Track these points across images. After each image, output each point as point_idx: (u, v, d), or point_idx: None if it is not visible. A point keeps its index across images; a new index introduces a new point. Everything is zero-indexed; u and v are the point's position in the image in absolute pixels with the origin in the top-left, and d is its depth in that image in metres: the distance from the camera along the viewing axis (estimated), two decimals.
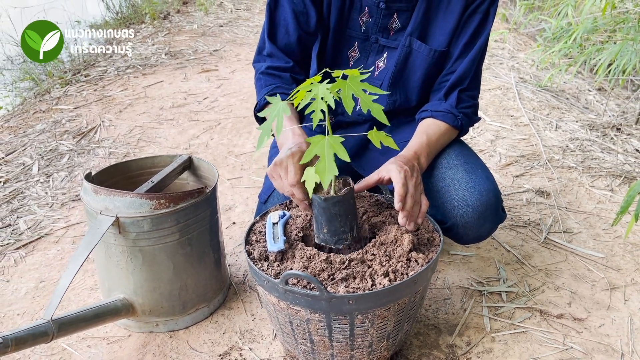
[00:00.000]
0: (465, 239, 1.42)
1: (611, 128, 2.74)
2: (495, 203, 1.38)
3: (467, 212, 1.35)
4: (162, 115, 2.97)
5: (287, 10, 1.45)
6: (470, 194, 1.36)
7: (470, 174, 1.39)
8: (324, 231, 1.20)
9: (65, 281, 1.22)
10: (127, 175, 1.58)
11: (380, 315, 1.15)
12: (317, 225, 1.21)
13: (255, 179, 2.26)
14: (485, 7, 1.43)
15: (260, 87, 1.48)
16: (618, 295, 1.57)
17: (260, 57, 1.53)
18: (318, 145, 1.09)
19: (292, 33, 1.47)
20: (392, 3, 1.43)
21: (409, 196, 1.19)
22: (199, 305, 1.48)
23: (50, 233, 1.92)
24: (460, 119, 1.43)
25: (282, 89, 1.45)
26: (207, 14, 5.20)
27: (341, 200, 1.16)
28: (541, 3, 5.00)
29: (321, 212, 1.17)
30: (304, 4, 1.44)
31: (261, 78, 1.48)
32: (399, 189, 1.18)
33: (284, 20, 1.47)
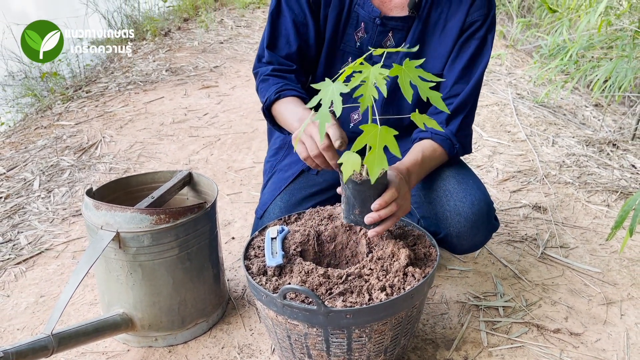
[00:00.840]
0: (460, 249, 1.44)
1: (607, 144, 2.77)
2: (487, 212, 1.40)
3: (460, 222, 1.37)
4: (163, 131, 3.00)
5: (288, 20, 1.49)
6: (462, 204, 1.38)
7: (461, 184, 1.41)
8: (355, 212, 1.20)
9: (66, 296, 1.23)
10: (127, 191, 1.60)
11: (378, 329, 1.16)
12: (348, 207, 1.21)
13: (254, 194, 2.28)
14: (482, 34, 1.45)
15: (268, 85, 1.49)
16: (614, 310, 1.58)
17: (261, 64, 1.55)
18: (370, 135, 1.05)
19: (293, 43, 1.50)
20: (387, 20, 1.46)
21: (393, 204, 1.19)
22: (198, 320, 1.49)
23: (50, 248, 1.93)
24: (457, 148, 1.45)
25: (292, 86, 1.48)
26: (208, 31, 5.26)
27: (376, 183, 1.15)
28: (538, 20, 5.07)
29: (355, 194, 1.17)
30: (304, 15, 1.48)
31: (268, 79, 1.50)
32: (390, 193, 1.18)
33: (285, 30, 1.50)
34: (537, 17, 5.14)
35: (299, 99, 1.46)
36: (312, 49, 1.53)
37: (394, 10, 1.47)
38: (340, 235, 1.36)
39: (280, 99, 1.46)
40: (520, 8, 5.81)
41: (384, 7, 1.47)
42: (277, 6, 1.51)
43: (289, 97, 1.46)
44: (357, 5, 1.47)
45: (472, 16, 1.44)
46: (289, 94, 1.46)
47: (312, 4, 1.48)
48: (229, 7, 6.38)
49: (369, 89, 1.03)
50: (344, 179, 1.11)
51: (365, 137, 1.04)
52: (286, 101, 1.45)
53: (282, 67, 1.51)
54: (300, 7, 1.48)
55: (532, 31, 4.79)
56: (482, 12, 1.44)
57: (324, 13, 1.49)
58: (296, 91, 1.47)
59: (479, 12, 1.44)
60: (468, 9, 1.44)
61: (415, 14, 1.45)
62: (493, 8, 1.46)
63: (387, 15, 1.46)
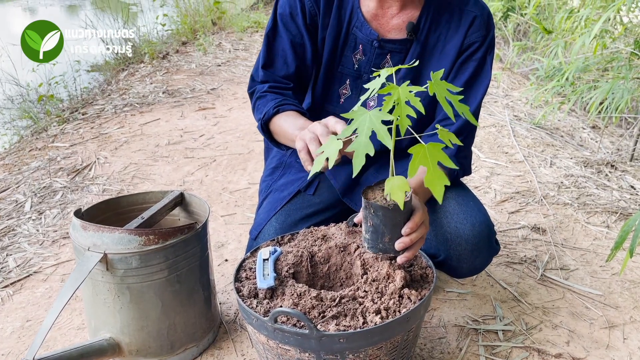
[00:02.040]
0: (460, 272, 1.40)
1: (605, 165, 2.74)
2: (488, 235, 1.37)
3: (461, 245, 1.34)
4: (158, 152, 2.97)
5: (286, 41, 1.47)
6: (463, 226, 1.34)
7: (462, 206, 1.38)
8: (385, 241, 1.15)
9: (50, 319, 1.19)
10: (117, 212, 1.57)
11: (373, 354, 1.12)
12: (376, 236, 1.15)
13: (249, 216, 2.24)
14: (481, 55, 1.43)
15: (266, 101, 1.46)
16: (617, 334, 1.54)
17: (255, 83, 1.53)
18: (420, 155, 0.98)
19: (291, 64, 1.48)
20: (385, 43, 1.45)
21: (422, 226, 1.16)
22: (187, 345, 1.44)
23: (39, 271, 1.89)
24: (456, 170, 1.42)
25: (291, 101, 1.45)
26: (206, 54, 5.28)
27: (405, 207, 1.12)
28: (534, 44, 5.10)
29: (386, 221, 1.12)
30: (301, 36, 1.46)
31: (265, 95, 1.48)
32: (419, 215, 1.13)
33: (283, 51, 1.49)
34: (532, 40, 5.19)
35: (299, 112, 1.44)
36: (309, 69, 1.52)
37: (392, 33, 1.45)
38: (335, 257, 1.33)
39: (279, 114, 1.43)
40: (516, 32, 5.87)
41: (382, 29, 1.45)
42: (274, 27, 1.49)
43: (288, 111, 1.43)
44: (355, 27, 1.45)
45: (471, 37, 1.42)
46: (288, 108, 1.43)
47: (310, 26, 1.46)
48: (227, 31, 6.43)
49: (404, 109, 0.98)
50: (401, 204, 1.04)
51: (416, 160, 0.97)
52: (285, 115, 1.43)
53: (279, 84, 1.49)
54: (297, 28, 1.47)
55: (528, 54, 4.82)
56: (481, 33, 1.42)
57: (322, 35, 1.47)
58: (295, 106, 1.45)
59: (478, 34, 1.42)
60: (466, 31, 1.42)
61: (413, 37, 1.43)
62: (492, 30, 1.44)
63: (385, 37, 1.45)
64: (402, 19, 1.44)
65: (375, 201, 1.12)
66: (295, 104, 1.46)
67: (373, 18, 1.45)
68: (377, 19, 1.45)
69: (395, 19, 1.44)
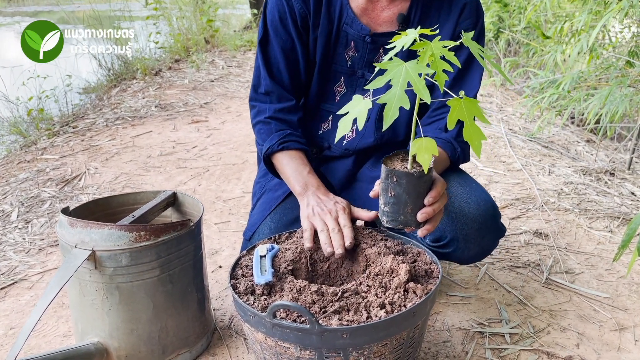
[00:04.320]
0: (468, 255, 1.35)
1: (604, 173, 2.71)
2: (493, 214, 1.33)
3: (467, 224, 1.29)
4: (150, 163, 2.91)
5: (277, 49, 1.45)
6: (468, 205, 1.30)
7: (465, 187, 1.34)
8: (407, 211, 1.09)
9: (33, 319, 1.11)
10: (107, 212, 1.50)
11: (377, 351, 1.05)
12: (397, 207, 1.09)
13: (243, 223, 2.18)
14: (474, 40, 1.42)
15: (270, 130, 1.46)
16: (628, 336, 1.48)
17: (258, 95, 1.50)
18: (456, 110, 0.94)
19: (284, 71, 1.46)
20: (378, 37, 1.42)
21: (444, 196, 1.12)
22: (180, 350, 1.37)
23: (24, 279, 1.81)
24: (458, 152, 1.39)
25: (294, 137, 1.44)
26: (199, 70, 5.26)
27: (428, 175, 1.07)
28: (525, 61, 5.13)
29: (411, 189, 1.07)
30: (292, 41, 1.44)
31: (271, 122, 1.47)
32: (440, 185, 1.11)
33: (275, 59, 1.46)
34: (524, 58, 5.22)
35: (302, 153, 1.44)
36: (302, 74, 1.49)
37: (383, 26, 1.43)
38: None
39: (283, 151, 1.43)
40: (507, 53, 5.91)
41: (373, 23, 1.43)
42: (265, 34, 1.47)
43: (292, 150, 1.43)
44: (345, 24, 1.43)
45: (462, 25, 1.41)
46: (292, 146, 1.43)
47: (301, 28, 1.44)
48: (220, 49, 6.43)
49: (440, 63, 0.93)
50: (425, 168, 0.99)
51: (454, 113, 0.94)
52: (290, 156, 1.43)
53: (283, 105, 1.47)
54: (287, 34, 1.44)
55: (520, 70, 4.84)
56: (472, 20, 1.41)
57: (313, 35, 1.45)
58: (299, 143, 1.44)
59: (469, 21, 1.41)
60: (457, 19, 1.41)
61: (405, 28, 1.41)
62: (482, 16, 1.43)
63: (377, 31, 1.42)
64: (393, 11, 1.42)
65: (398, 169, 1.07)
66: (299, 139, 1.45)
67: (363, 13, 1.42)
68: (367, 13, 1.42)
69: (385, 12, 1.42)
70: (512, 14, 5.56)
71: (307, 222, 1.27)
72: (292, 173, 1.40)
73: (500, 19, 5.77)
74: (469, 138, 0.95)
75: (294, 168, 1.41)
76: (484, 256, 1.40)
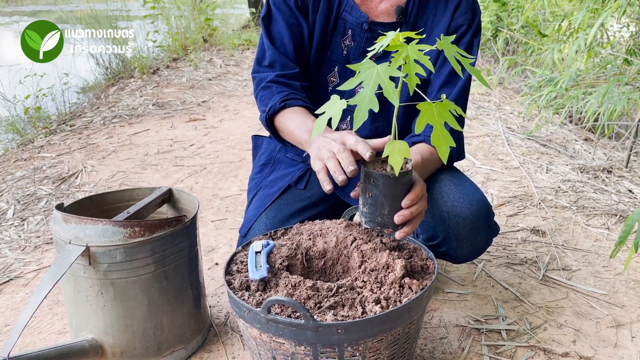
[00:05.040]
0: (460, 254, 1.34)
1: (602, 170, 2.71)
2: (486, 213, 1.32)
3: (459, 223, 1.28)
4: (147, 160, 2.91)
5: (281, 22, 1.44)
6: (460, 204, 1.29)
7: (457, 186, 1.33)
8: (384, 213, 1.09)
9: (27, 315, 1.11)
10: (102, 209, 1.50)
11: (372, 347, 1.05)
12: (375, 208, 1.09)
13: (240, 220, 2.17)
14: (469, 38, 1.43)
15: (272, 93, 1.42)
16: (624, 333, 1.48)
17: (261, 67, 1.48)
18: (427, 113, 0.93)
19: (288, 43, 1.44)
20: (375, 26, 1.42)
21: (422, 199, 1.10)
22: (175, 347, 1.36)
23: (20, 276, 1.80)
24: (451, 150, 1.38)
25: (297, 96, 1.40)
26: (197, 69, 5.25)
27: (407, 177, 1.07)
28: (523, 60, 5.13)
29: (388, 191, 1.06)
30: (295, 17, 1.43)
31: (271, 86, 1.43)
32: (419, 187, 1.09)
33: (279, 33, 1.45)
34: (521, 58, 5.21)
35: (306, 109, 1.39)
36: (307, 49, 1.47)
37: (380, 17, 1.44)
38: (331, 251, 1.26)
39: (286, 109, 1.39)
40: (506, 52, 5.91)
41: (371, 13, 1.43)
42: (268, 12, 1.47)
43: (295, 107, 1.39)
44: (344, 11, 1.43)
45: (457, 21, 1.41)
46: (295, 103, 1.39)
47: (301, 7, 1.43)
48: (218, 48, 6.42)
49: (413, 66, 0.92)
50: (396, 171, 0.99)
51: (424, 116, 0.93)
52: (292, 111, 1.38)
53: (285, 72, 1.44)
54: (290, 10, 1.44)
55: (518, 69, 4.84)
56: (467, 16, 1.41)
57: (312, 18, 1.44)
58: (302, 101, 1.40)
59: (464, 17, 1.41)
60: (453, 14, 1.41)
61: (403, 20, 1.41)
62: (478, 13, 1.43)
63: (374, 21, 1.42)
64: (390, 3, 1.43)
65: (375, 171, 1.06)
66: (303, 98, 1.41)
67: (362, 2, 1.43)
68: (365, 3, 1.43)
69: (383, 3, 1.43)
70: (511, 13, 5.55)
71: (317, 162, 1.16)
72: (296, 127, 1.33)
73: (498, 18, 5.76)
74: (437, 143, 0.94)
75: (299, 122, 1.34)
76: (477, 255, 1.40)
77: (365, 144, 1.09)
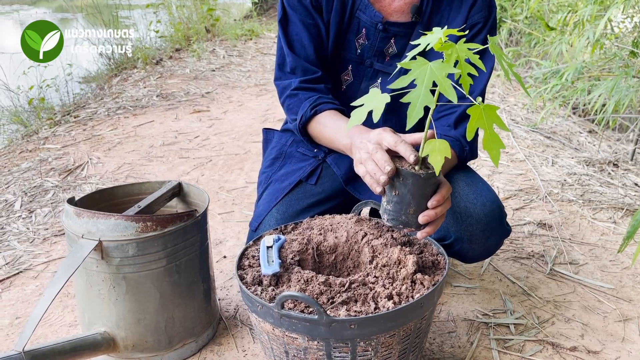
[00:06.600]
0: (472, 255, 1.35)
1: (608, 164, 2.71)
2: (499, 215, 1.32)
3: (472, 225, 1.29)
4: (152, 152, 2.91)
5: (298, 24, 1.43)
6: (474, 206, 1.30)
7: (471, 186, 1.33)
8: (409, 212, 1.08)
9: (40, 309, 1.11)
10: (112, 203, 1.50)
11: (385, 342, 1.06)
12: (401, 207, 1.08)
13: (247, 213, 2.18)
14: (484, 36, 1.41)
15: (299, 101, 1.42)
16: (632, 327, 1.49)
17: (283, 73, 1.47)
18: (476, 117, 0.91)
19: (308, 45, 1.43)
20: (390, 26, 1.41)
21: (448, 201, 1.11)
22: (186, 340, 1.37)
23: (29, 268, 1.81)
24: (466, 150, 1.38)
25: (326, 99, 1.40)
26: (200, 60, 5.24)
27: (435, 178, 1.07)
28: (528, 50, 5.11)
29: (416, 190, 1.06)
30: (311, 16, 1.42)
31: (297, 93, 1.43)
32: (446, 189, 1.09)
33: (297, 35, 1.44)
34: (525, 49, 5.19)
35: (338, 111, 1.39)
36: (326, 49, 1.46)
37: (394, 16, 1.42)
38: (342, 246, 1.27)
39: (317, 115, 1.39)
40: (509, 42, 5.88)
41: (384, 12, 1.42)
42: (284, 14, 1.45)
43: (326, 111, 1.39)
44: (358, 10, 1.42)
45: (473, 19, 1.40)
46: (325, 108, 1.39)
47: (316, 7, 1.42)
48: (220, 38, 6.39)
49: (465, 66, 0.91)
50: (437, 170, 0.97)
51: (474, 121, 0.92)
52: (324, 117, 1.38)
53: (308, 77, 1.43)
54: (306, 10, 1.42)
55: (522, 61, 4.82)
56: (483, 14, 1.40)
57: (327, 18, 1.44)
58: (332, 104, 1.40)
59: (480, 15, 1.40)
60: (468, 12, 1.40)
61: (418, 19, 1.40)
62: (494, 10, 1.42)
63: (389, 20, 1.41)
64: (404, 1, 1.41)
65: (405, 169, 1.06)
66: (331, 100, 1.41)
67: (375, 1, 1.41)
68: (379, 1, 1.42)
69: (397, 2, 1.41)
70: (515, 3, 5.52)
71: (360, 167, 1.15)
72: (333, 133, 1.33)
73: (502, 8, 5.73)
74: (488, 147, 0.93)
75: (334, 127, 1.34)
76: (488, 255, 1.40)
77: (407, 146, 1.07)
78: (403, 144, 1.08)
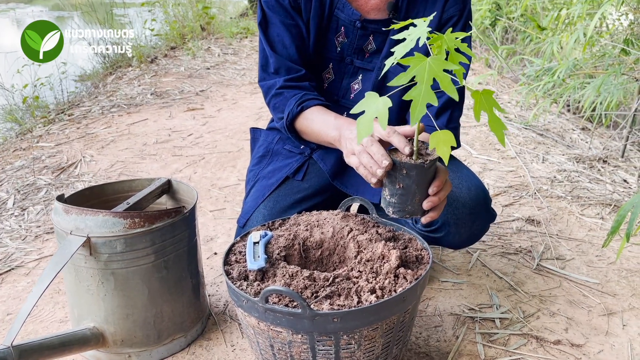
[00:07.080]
0: (458, 239, 1.37)
1: (597, 160, 2.73)
2: (485, 199, 1.35)
3: (458, 208, 1.31)
4: (145, 150, 2.92)
5: (278, 25, 1.44)
6: (459, 190, 1.32)
7: (455, 172, 1.37)
8: (415, 201, 1.10)
9: (29, 304, 1.13)
10: (102, 200, 1.51)
11: (368, 335, 1.07)
12: (406, 198, 1.10)
13: (238, 210, 2.19)
14: (460, 29, 1.45)
15: (285, 99, 1.43)
16: (616, 321, 1.51)
17: (267, 74, 1.49)
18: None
19: (289, 45, 1.45)
20: (368, 23, 1.43)
21: (447, 184, 1.13)
22: (175, 335, 1.39)
23: (21, 265, 1.82)
24: None
25: (311, 96, 1.42)
26: (195, 58, 5.24)
27: (434, 164, 1.09)
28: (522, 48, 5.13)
29: (420, 179, 1.08)
30: (291, 17, 1.44)
31: (283, 92, 1.44)
32: (443, 173, 1.11)
33: (278, 36, 1.46)
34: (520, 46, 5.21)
35: (324, 107, 1.40)
36: (307, 48, 1.48)
37: (371, 13, 1.45)
38: (328, 241, 1.28)
39: (304, 111, 1.40)
40: (504, 40, 5.90)
41: (362, 9, 1.44)
42: (264, 16, 1.47)
43: (313, 107, 1.40)
44: (337, 9, 1.44)
45: (448, 12, 1.43)
46: (312, 104, 1.40)
47: (295, 7, 1.44)
48: (215, 36, 6.40)
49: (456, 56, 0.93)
50: (445, 160, 0.97)
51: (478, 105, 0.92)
52: (311, 112, 1.40)
53: (292, 75, 1.45)
54: (285, 11, 1.44)
55: (516, 58, 4.84)
56: (458, 7, 1.43)
57: (306, 17, 1.45)
58: (318, 100, 1.41)
59: (455, 8, 1.43)
60: (443, 6, 1.43)
61: (395, 15, 1.42)
62: (468, 3, 1.44)
63: (366, 18, 1.43)
64: None
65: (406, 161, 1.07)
66: (317, 96, 1.43)
67: None
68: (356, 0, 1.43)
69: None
70: (509, 1, 5.54)
71: (352, 158, 1.18)
72: (320, 126, 1.35)
73: (497, 6, 5.75)
74: (494, 129, 0.95)
75: (321, 121, 1.36)
76: (474, 241, 1.43)
77: (401, 137, 1.09)
78: (396, 135, 1.10)
